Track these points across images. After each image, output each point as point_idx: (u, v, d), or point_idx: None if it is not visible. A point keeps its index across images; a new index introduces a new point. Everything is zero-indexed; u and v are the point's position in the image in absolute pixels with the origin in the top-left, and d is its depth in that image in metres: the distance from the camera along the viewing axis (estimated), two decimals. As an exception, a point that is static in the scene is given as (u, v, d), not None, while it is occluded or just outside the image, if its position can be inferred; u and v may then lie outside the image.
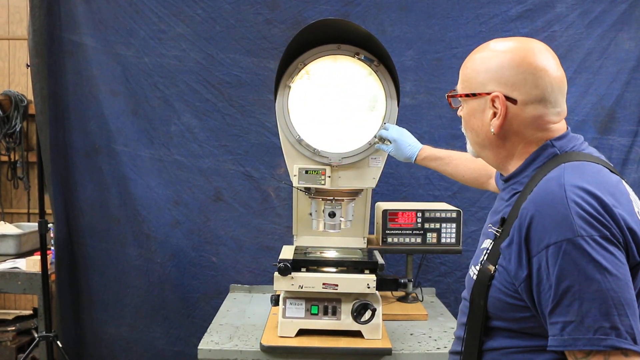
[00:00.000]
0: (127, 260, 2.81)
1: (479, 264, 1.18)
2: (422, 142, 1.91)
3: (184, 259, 2.80)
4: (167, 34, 2.72)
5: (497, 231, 1.16)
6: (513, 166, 1.21)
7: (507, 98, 1.14)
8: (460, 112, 1.28)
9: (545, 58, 1.15)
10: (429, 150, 1.87)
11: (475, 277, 1.19)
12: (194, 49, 2.72)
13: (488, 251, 1.17)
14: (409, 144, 1.87)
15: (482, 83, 1.18)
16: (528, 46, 1.17)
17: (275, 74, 1.90)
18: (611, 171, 1.12)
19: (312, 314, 1.92)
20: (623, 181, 1.12)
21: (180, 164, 2.77)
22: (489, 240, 1.20)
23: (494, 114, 1.17)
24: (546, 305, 1.02)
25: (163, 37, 2.72)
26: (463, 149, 1.71)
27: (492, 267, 1.13)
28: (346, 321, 1.90)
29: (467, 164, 1.79)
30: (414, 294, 2.43)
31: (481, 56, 1.20)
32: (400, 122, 1.93)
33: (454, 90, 1.27)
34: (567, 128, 1.20)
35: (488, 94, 1.17)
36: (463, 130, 1.30)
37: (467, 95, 1.21)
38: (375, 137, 1.92)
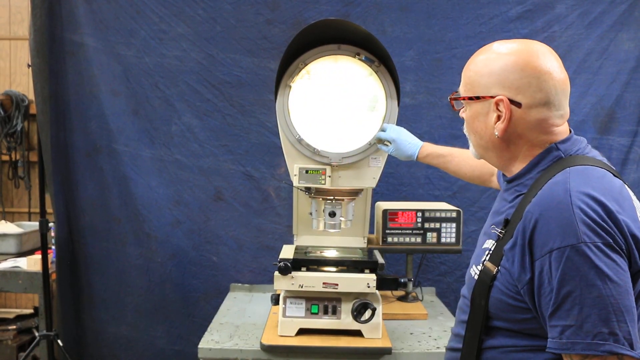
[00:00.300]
0: (128, 259, 2.81)
1: (481, 264, 1.18)
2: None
3: (184, 258, 2.80)
4: (167, 34, 2.72)
5: (500, 232, 1.16)
6: (517, 168, 1.21)
7: (512, 101, 1.14)
8: (462, 114, 1.28)
9: (549, 61, 1.15)
10: (431, 148, 1.87)
11: (476, 277, 1.19)
12: (195, 49, 2.72)
13: (490, 252, 1.17)
14: (408, 142, 1.87)
15: (485, 86, 1.18)
16: (532, 49, 1.16)
17: (275, 74, 1.90)
18: (614, 175, 1.12)
19: (312, 314, 1.92)
20: (626, 185, 1.12)
21: (181, 163, 2.77)
22: (491, 240, 1.20)
23: (498, 117, 1.16)
24: (547, 309, 1.02)
25: (164, 37, 2.72)
26: (462, 147, 1.71)
27: (494, 268, 1.13)
28: (346, 320, 1.91)
29: (469, 161, 1.79)
30: (414, 294, 2.43)
31: (484, 58, 1.20)
32: (400, 122, 1.93)
33: (457, 92, 1.27)
34: (571, 131, 1.20)
35: (492, 97, 1.16)
36: (465, 132, 1.29)
37: (470, 98, 1.21)
38: (374, 138, 1.92)
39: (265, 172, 2.76)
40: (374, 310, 1.88)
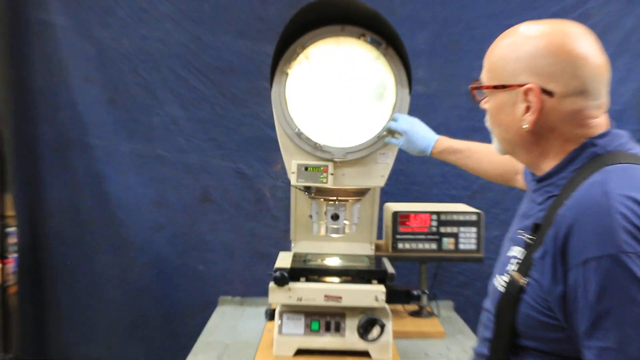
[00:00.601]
0: (102, 269, 2.82)
1: (506, 274, 1.18)
2: (436, 135, 1.91)
3: (166, 267, 2.80)
4: (149, 13, 2.72)
5: (529, 238, 1.16)
6: (548, 166, 1.21)
7: (543, 90, 1.14)
8: (484, 105, 1.28)
9: (585, 44, 1.14)
10: (447, 142, 1.87)
11: (501, 289, 1.19)
12: (180, 31, 2.72)
13: (519, 260, 1.17)
14: (422, 135, 1.88)
15: (512, 73, 1.17)
16: (565, 30, 1.16)
17: (271, 59, 1.91)
18: None
19: (312, 331, 1.92)
20: None
21: (164, 159, 2.78)
22: (517, 247, 1.19)
23: (527, 108, 1.16)
24: (582, 327, 1.01)
25: (144, 16, 2.72)
26: (483, 142, 1.71)
27: (522, 279, 1.13)
28: (351, 339, 1.91)
29: (491, 157, 1.79)
30: (428, 308, 2.43)
31: (510, 42, 1.19)
32: (412, 113, 1.94)
33: (478, 81, 1.27)
34: (611, 123, 1.19)
35: (520, 85, 1.16)
36: (488, 125, 1.29)
37: (495, 87, 1.21)
38: (383, 129, 1.93)
39: (260, 170, 2.77)
40: (383, 327, 1.89)
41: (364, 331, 1.89)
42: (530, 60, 1.15)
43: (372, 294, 1.88)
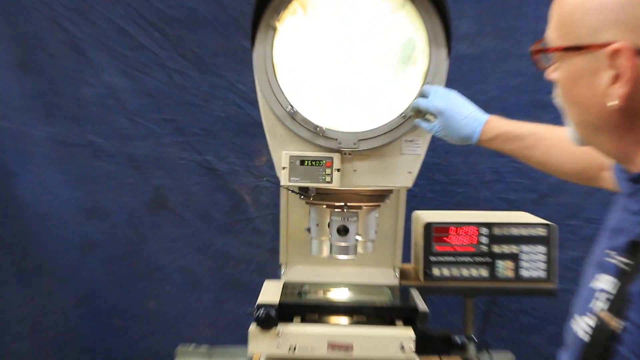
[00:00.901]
0: (6, 307, 2.83)
1: (591, 314, 1.20)
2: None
3: (102, 304, 2.82)
4: (75, -61, 2.74)
5: (624, 263, 1.16)
6: None
7: (638, 52, 1.15)
8: (552, 75, 1.29)
9: None
10: (501, 125, 1.87)
11: (585, 336, 1.20)
12: (121, -36, 2.74)
13: (609, 295, 1.18)
14: (464, 115, 1.88)
15: (593, 29, 1.17)
16: None
17: (252, 8, 1.92)
18: None
19: (311, 393, 1.94)
20: None
21: (98, 149, 2.80)
22: (608, 277, 1.20)
23: (616, 77, 1.15)
24: None
25: (69, -57, 2.74)
26: (554, 123, 1.73)
27: (616, 322, 1.13)
28: (367, 405, 1.93)
29: (566, 146, 1.77)
30: (476, 361, 2.46)
31: None
32: (452, 84, 1.95)
33: (542, 41, 1.28)
34: None
35: (605, 45, 1.16)
36: (559, 102, 1.30)
37: (567, 49, 1.23)
38: (410, 108, 1.95)
39: (236, 164, 2.79)
40: (411, 387, 1.91)
41: (385, 394, 1.91)
42: (618, 10, 1.15)
43: (396, 341, 1.90)
